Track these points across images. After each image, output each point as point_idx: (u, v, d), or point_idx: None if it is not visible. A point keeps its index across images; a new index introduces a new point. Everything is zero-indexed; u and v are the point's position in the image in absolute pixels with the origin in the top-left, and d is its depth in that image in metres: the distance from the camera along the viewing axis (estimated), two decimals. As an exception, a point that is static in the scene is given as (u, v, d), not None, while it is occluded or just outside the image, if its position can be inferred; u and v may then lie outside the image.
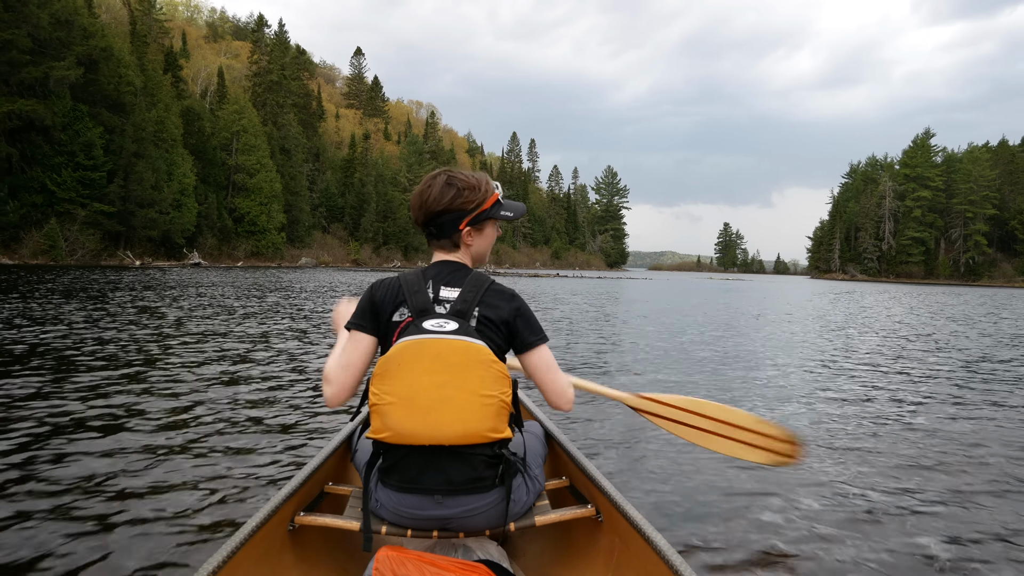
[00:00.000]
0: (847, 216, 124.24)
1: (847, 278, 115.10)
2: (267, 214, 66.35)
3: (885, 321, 17.73)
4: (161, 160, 51.53)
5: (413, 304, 2.05)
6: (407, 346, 1.95)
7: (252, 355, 8.16)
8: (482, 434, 1.93)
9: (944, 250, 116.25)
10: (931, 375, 8.42)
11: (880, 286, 66.61)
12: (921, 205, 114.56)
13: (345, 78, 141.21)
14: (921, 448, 4.81)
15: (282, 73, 78.24)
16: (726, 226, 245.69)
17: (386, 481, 2.03)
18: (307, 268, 61.47)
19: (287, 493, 2.11)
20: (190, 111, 60.68)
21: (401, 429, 1.92)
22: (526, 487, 2.13)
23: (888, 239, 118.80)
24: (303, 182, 78.10)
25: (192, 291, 19.67)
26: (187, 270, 41.61)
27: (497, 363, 1.96)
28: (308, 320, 12.74)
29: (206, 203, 58.94)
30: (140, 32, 58.35)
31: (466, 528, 2.03)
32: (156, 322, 11.26)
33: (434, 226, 2.19)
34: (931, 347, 11.69)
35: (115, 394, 5.65)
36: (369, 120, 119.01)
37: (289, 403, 5.63)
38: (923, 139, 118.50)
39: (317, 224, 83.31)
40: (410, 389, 1.92)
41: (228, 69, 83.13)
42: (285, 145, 75.40)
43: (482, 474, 1.97)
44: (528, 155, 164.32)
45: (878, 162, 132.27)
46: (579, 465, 2.39)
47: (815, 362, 9.26)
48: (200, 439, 4.43)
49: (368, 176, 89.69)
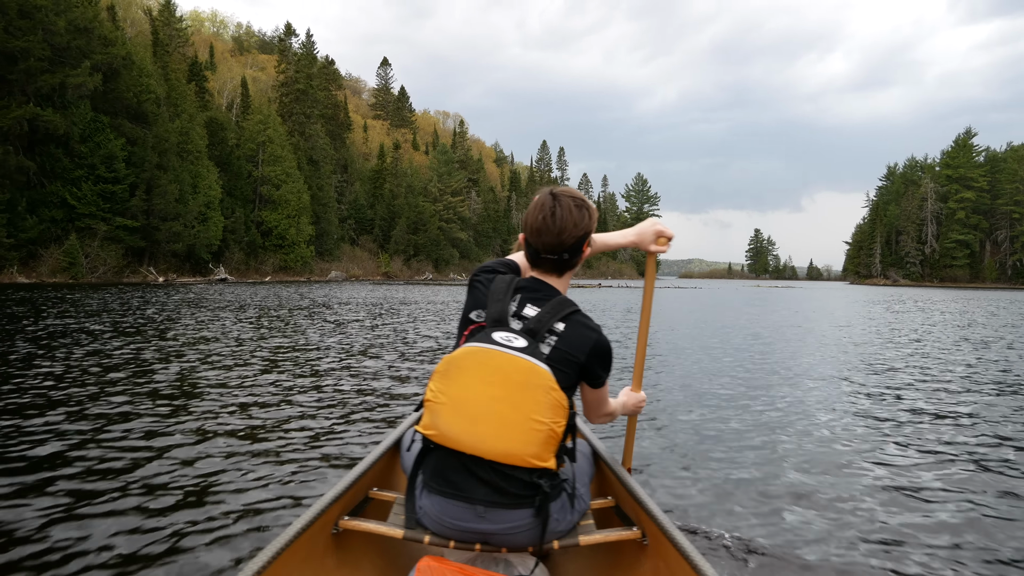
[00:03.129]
0: (887, 220, 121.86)
1: (889, 283, 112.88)
2: (295, 227, 64.72)
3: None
4: (186, 172, 49.81)
5: (491, 311, 2.08)
6: (473, 351, 1.97)
7: (305, 367, 8.36)
8: (523, 458, 1.91)
9: (990, 252, 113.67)
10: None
11: (930, 291, 63.61)
12: (965, 207, 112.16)
13: (372, 89, 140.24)
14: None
15: (309, 83, 76.76)
16: (757, 232, 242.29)
17: (429, 484, 2.03)
18: (337, 282, 59.87)
19: (332, 497, 2.15)
20: (214, 121, 59.01)
21: (447, 431, 1.94)
22: (571, 506, 2.11)
23: (931, 242, 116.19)
24: (331, 193, 76.60)
25: (232, 304, 17.46)
26: (214, 286, 39.84)
27: (557, 391, 1.94)
28: (362, 334, 12.11)
29: (232, 216, 57.31)
30: (162, 40, 56.65)
31: (508, 544, 2.02)
32: (202, 333, 11.73)
33: (567, 252, 2.15)
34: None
35: (160, 400, 6.02)
36: (396, 131, 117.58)
37: (336, 411, 5.79)
38: (964, 139, 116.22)
39: (346, 237, 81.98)
40: (464, 395, 1.94)
41: (254, 81, 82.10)
42: (313, 156, 73.82)
43: (521, 494, 1.95)
44: (557, 163, 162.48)
45: (918, 163, 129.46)
46: (626, 486, 2.36)
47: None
48: (251, 445, 4.60)
49: (399, 187, 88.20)
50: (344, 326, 14.03)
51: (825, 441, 5.17)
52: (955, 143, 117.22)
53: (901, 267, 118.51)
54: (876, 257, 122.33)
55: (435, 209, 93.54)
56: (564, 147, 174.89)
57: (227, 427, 5.06)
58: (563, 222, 2.10)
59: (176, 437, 4.73)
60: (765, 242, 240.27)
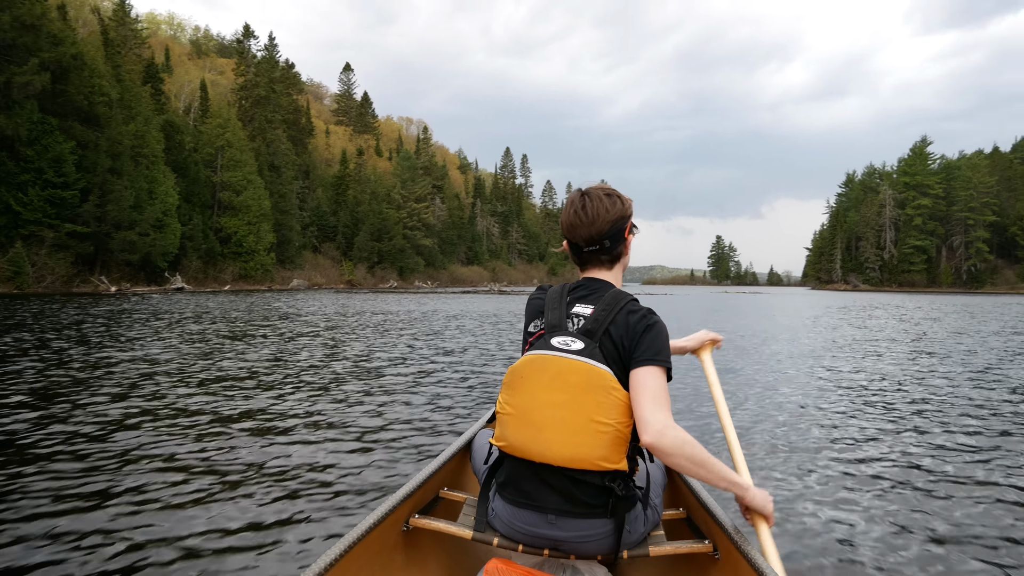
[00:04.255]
0: (847, 226, 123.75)
1: (849, 288, 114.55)
2: (255, 234, 63.00)
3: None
4: (141, 177, 47.80)
5: (548, 318, 2.08)
6: (532, 359, 1.99)
7: (367, 369, 8.96)
8: (592, 461, 1.90)
9: (946, 258, 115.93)
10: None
11: (892, 296, 63.99)
12: (922, 213, 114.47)
13: (334, 95, 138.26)
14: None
15: (271, 87, 74.96)
16: (718, 239, 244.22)
17: (502, 492, 2.05)
18: (300, 291, 58.11)
19: (404, 495, 2.19)
20: (171, 125, 56.80)
21: (514, 441, 1.97)
22: (644, 516, 2.09)
23: (889, 248, 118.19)
24: (293, 200, 74.86)
25: (190, 317, 16.07)
26: (170, 296, 37.95)
27: (619, 390, 1.92)
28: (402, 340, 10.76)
29: (190, 223, 55.30)
30: (113, 40, 54.51)
31: (578, 552, 2.01)
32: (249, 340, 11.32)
33: (607, 239, 2.14)
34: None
35: (231, 398, 6.74)
36: (359, 137, 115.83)
37: (407, 410, 6.22)
38: (920, 147, 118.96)
39: (308, 244, 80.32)
40: (527, 404, 1.96)
41: (213, 85, 79.87)
42: (274, 161, 72.08)
43: (594, 501, 1.94)
44: (521, 170, 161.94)
45: (876, 171, 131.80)
46: (698, 497, 2.32)
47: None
48: (324, 442, 4.95)
49: (362, 194, 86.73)
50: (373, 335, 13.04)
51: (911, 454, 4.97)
52: (911, 151, 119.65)
53: (861, 272, 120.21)
54: (837, 263, 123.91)
55: (399, 216, 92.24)
56: (528, 154, 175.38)
57: (294, 425, 5.58)
58: (594, 212, 2.12)
59: (247, 431, 5.25)
60: (727, 248, 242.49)
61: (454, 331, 15.81)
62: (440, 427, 5.56)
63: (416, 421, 5.78)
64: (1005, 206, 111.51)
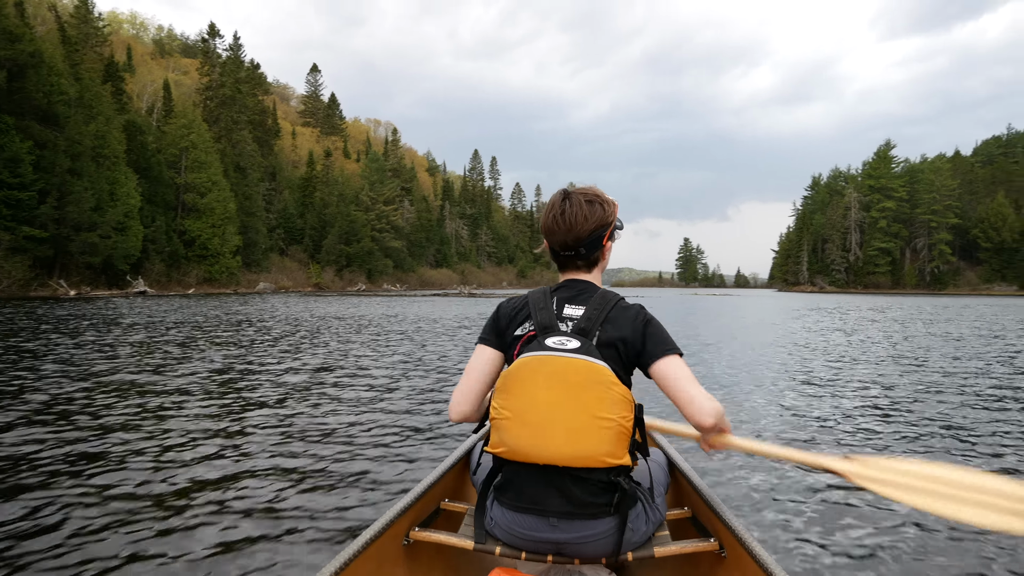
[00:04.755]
0: (813, 228, 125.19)
1: (816, 290, 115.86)
2: (220, 237, 61.90)
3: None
4: (102, 178, 46.67)
5: (537, 320, 2.04)
6: (527, 362, 1.95)
7: (361, 378, 8.80)
8: (597, 458, 1.90)
9: (910, 259, 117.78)
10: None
11: (860, 297, 64.78)
12: (886, 216, 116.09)
13: (301, 96, 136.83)
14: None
15: (237, 88, 73.83)
16: (686, 241, 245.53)
17: (501, 499, 2.03)
18: (266, 294, 57.17)
19: (403, 507, 2.16)
20: (133, 125, 55.56)
21: (515, 445, 1.94)
22: (646, 516, 2.08)
23: (855, 250, 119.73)
24: (259, 202, 73.73)
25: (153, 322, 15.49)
26: (131, 300, 37.02)
27: (618, 385, 1.92)
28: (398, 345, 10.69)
29: (153, 225, 54.15)
30: (72, 38, 53.25)
31: (581, 555, 1.99)
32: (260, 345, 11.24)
33: (583, 247, 2.13)
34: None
35: (229, 410, 6.48)
36: (327, 138, 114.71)
37: (407, 419, 6.05)
38: (884, 150, 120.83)
39: (275, 247, 79.14)
40: (526, 405, 1.93)
41: (177, 85, 78.53)
42: (240, 163, 70.93)
43: (597, 499, 1.94)
44: (490, 173, 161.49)
45: (842, 174, 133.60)
46: (702, 496, 2.30)
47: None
48: (319, 457, 4.74)
49: (330, 196, 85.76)
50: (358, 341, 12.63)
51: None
52: (876, 155, 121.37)
53: (827, 274, 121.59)
54: (804, 265, 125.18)
55: (367, 218, 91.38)
56: (496, 157, 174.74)
57: (291, 438, 5.37)
58: (572, 219, 2.10)
59: (244, 447, 5.01)
60: (694, 251, 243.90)
61: (433, 335, 15.45)
62: (437, 436, 5.44)
63: (411, 430, 5.64)
64: (967, 209, 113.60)
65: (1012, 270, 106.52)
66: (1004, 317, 26.53)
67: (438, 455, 4.79)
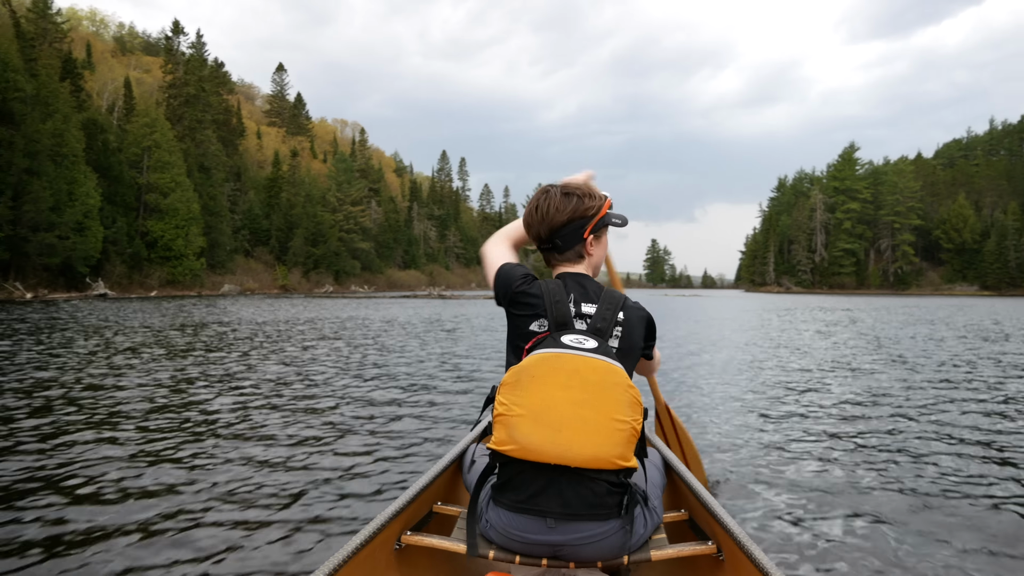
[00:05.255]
0: (779, 229, 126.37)
1: (782, 291, 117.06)
2: (184, 238, 60.50)
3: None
4: (60, 178, 45.46)
5: (554, 316, 2.03)
6: (544, 358, 1.93)
7: (357, 378, 8.86)
8: (610, 460, 1.87)
9: (874, 260, 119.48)
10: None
11: (828, 298, 65.59)
12: (851, 217, 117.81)
13: (266, 96, 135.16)
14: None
15: (200, 86, 72.50)
16: (653, 242, 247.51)
17: (498, 499, 1.99)
18: (231, 296, 56.19)
19: (395, 511, 2.12)
20: (93, 123, 54.19)
21: (528, 443, 1.87)
22: (644, 519, 2.05)
23: (820, 251, 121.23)
24: (224, 202, 72.37)
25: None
26: (91, 302, 36.02)
27: (633, 388, 1.93)
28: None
29: (114, 226, 52.82)
30: (28, 34, 51.78)
31: (578, 557, 1.95)
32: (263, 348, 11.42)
33: (558, 238, 2.19)
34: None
35: (223, 409, 6.49)
36: (293, 138, 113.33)
37: (398, 422, 5.96)
38: (849, 152, 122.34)
39: (240, 248, 77.71)
40: (542, 403, 1.88)
41: (138, 83, 76.90)
42: (204, 163, 69.60)
43: (603, 501, 1.91)
44: (458, 174, 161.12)
45: (807, 176, 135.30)
46: (699, 498, 2.26)
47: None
48: (309, 456, 4.73)
49: (296, 196, 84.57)
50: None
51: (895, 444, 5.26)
52: (840, 157, 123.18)
53: (793, 275, 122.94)
54: (770, 265, 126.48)
55: (335, 219, 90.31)
56: (465, 157, 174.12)
57: (279, 438, 5.34)
58: (547, 209, 2.17)
59: (232, 446, 5.00)
60: (662, 252, 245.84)
61: (406, 337, 15.00)
62: (428, 439, 5.35)
63: (401, 433, 5.55)
64: (929, 210, 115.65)
65: (973, 271, 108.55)
66: (980, 318, 26.65)
67: (428, 459, 4.69)
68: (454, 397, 7.34)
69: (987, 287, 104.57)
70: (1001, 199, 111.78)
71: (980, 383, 8.74)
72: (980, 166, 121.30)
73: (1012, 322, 23.11)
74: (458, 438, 4.82)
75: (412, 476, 4.24)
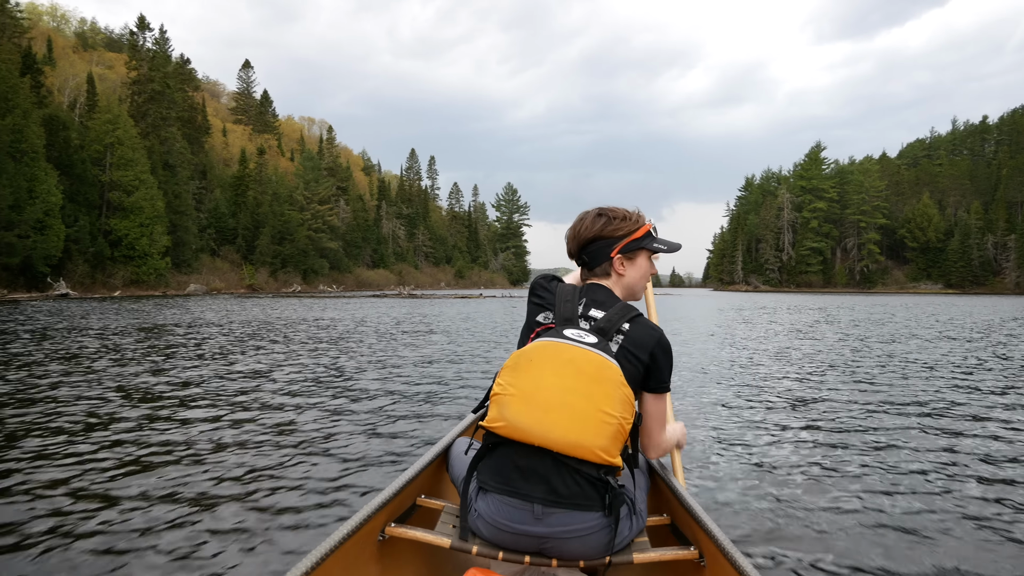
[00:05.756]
0: (747, 228, 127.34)
1: (750, 289, 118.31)
2: (148, 237, 59.37)
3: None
4: (20, 175, 44.38)
5: (560, 311, 2.15)
6: (544, 344, 2.01)
7: (340, 372, 9.07)
8: (592, 450, 1.90)
9: (840, 259, 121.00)
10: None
11: (798, 296, 66.22)
12: (817, 216, 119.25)
13: (232, 93, 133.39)
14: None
15: (165, 83, 71.26)
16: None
17: (486, 483, 2.01)
18: (197, 296, 55.22)
19: (379, 503, 2.12)
20: (54, 120, 52.98)
21: (515, 421, 1.93)
22: (630, 521, 2.08)
23: (788, 250, 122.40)
24: (189, 201, 71.23)
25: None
26: (51, 303, 35.20)
27: (626, 387, 1.96)
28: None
29: (76, 225, 51.73)
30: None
31: (562, 552, 1.98)
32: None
33: (586, 254, 2.32)
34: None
35: (210, 407, 6.47)
36: (259, 136, 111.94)
37: (383, 415, 6.07)
38: (815, 152, 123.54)
39: (206, 247, 76.60)
40: (534, 385, 1.95)
41: (101, 79, 75.36)
42: (168, 160, 68.43)
43: (585, 491, 1.93)
44: (427, 172, 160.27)
45: (774, 175, 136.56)
46: (682, 502, 2.26)
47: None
48: (294, 449, 4.77)
49: (263, 195, 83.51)
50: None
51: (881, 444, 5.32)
52: (807, 156, 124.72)
53: (761, 273, 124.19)
54: (739, 264, 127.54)
55: (303, 218, 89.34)
56: (435, 156, 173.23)
57: (262, 431, 5.47)
58: (578, 227, 2.33)
59: (220, 441, 5.03)
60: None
61: (391, 336, 14.78)
62: (411, 434, 5.39)
63: (385, 428, 5.60)
64: (894, 210, 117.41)
65: (937, 269, 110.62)
66: (960, 315, 26.87)
67: (413, 451, 4.76)
68: (443, 393, 7.33)
69: (951, 285, 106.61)
70: (964, 198, 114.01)
71: (975, 386, 8.77)
72: (943, 166, 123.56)
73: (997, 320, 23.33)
74: (444, 432, 4.87)
75: (397, 470, 4.26)
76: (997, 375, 9.29)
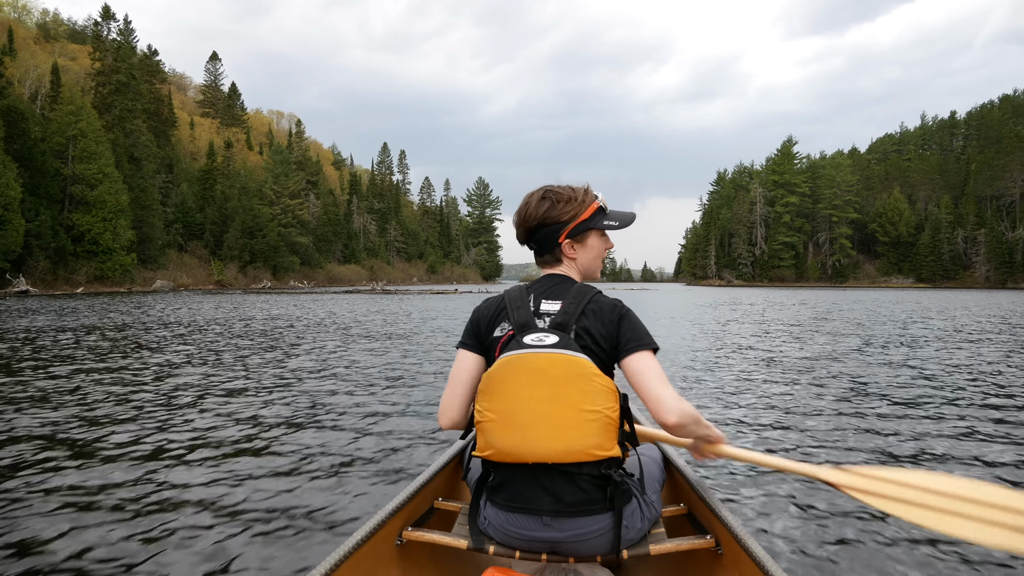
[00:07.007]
0: (720, 223, 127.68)
1: (723, 284, 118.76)
2: (112, 231, 58.05)
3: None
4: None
5: (515, 319, 2.03)
6: (508, 361, 1.94)
7: (361, 374, 8.60)
8: (586, 451, 1.87)
9: (812, 254, 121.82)
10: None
11: (771, 291, 66.54)
12: (790, 210, 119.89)
13: (199, 86, 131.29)
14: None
15: (131, 74, 69.75)
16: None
17: (494, 500, 2.01)
18: (163, 292, 54.14)
19: (396, 506, 2.14)
20: (14, 111, 51.52)
21: (502, 447, 1.91)
22: (641, 512, 2.04)
23: (760, 244, 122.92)
24: (155, 195, 70.06)
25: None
26: (10, 299, 34.31)
27: (600, 376, 1.90)
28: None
29: (36, 220, 50.46)
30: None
31: (576, 553, 1.97)
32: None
33: (534, 241, 2.20)
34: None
35: (222, 409, 6.22)
36: (227, 130, 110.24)
37: (401, 418, 5.86)
38: (787, 146, 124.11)
39: (173, 242, 75.28)
40: (510, 405, 1.91)
41: (64, 71, 73.54)
42: (134, 153, 67.09)
43: (591, 495, 1.91)
44: (399, 167, 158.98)
45: (746, 170, 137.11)
46: (698, 492, 2.27)
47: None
48: (311, 454, 4.63)
49: (231, 189, 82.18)
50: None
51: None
52: (779, 151, 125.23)
53: (734, 268, 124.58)
54: (711, 259, 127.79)
55: (272, 212, 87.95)
56: (406, 151, 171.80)
57: (280, 436, 5.23)
58: (523, 213, 2.17)
59: (233, 446, 4.88)
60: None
61: (385, 333, 14.25)
62: (430, 437, 5.27)
63: (400, 432, 5.44)
64: (865, 204, 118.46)
65: (908, 263, 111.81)
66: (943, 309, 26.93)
67: (428, 456, 4.67)
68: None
69: (922, 279, 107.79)
70: (934, 193, 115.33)
71: (983, 378, 8.59)
72: (913, 160, 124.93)
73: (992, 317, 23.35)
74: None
75: (413, 473, 4.22)
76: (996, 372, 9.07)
